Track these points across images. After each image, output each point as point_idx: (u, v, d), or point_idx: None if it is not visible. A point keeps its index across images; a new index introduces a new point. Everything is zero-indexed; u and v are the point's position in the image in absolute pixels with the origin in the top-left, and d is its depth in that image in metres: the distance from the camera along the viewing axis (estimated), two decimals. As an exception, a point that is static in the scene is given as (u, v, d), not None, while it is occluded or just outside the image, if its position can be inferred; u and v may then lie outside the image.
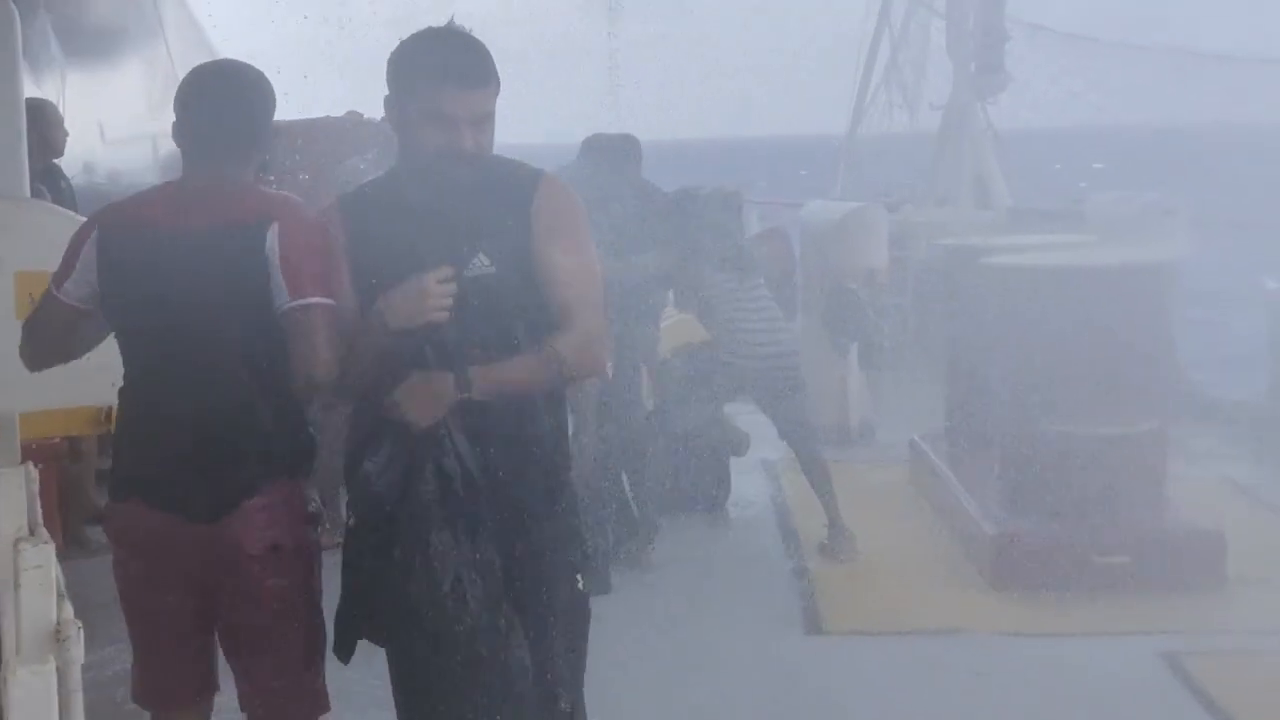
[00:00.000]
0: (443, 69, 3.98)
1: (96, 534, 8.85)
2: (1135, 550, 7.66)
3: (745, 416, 9.97)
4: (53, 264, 5.83)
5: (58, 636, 3.41)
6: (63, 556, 8.03)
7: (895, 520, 9.18)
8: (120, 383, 5.91)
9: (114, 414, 5.87)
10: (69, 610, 3.54)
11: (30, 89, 9.28)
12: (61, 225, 5.90)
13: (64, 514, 8.43)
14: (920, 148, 15.88)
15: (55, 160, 9.06)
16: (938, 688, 6.66)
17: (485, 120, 4.04)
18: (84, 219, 4.89)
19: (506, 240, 4.04)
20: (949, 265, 9.81)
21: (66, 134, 9.03)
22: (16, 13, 7.25)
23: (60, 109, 9.42)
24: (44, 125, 8.84)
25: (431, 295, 3.93)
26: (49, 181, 8.80)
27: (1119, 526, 7.77)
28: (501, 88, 4.09)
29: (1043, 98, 15.64)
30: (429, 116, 3.98)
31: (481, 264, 4.02)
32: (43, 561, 3.42)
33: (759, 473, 10.43)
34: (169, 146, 10.97)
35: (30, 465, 5.04)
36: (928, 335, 12.17)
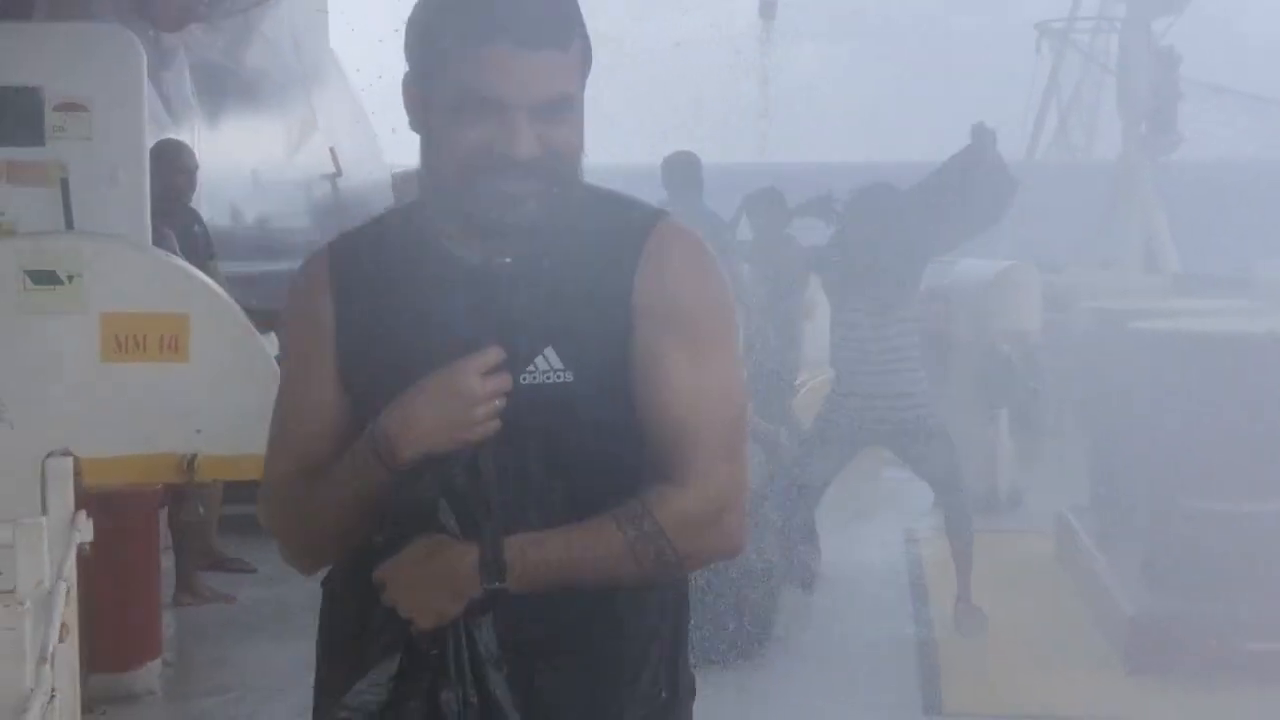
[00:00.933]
0: (486, 20, 2.38)
1: (218, 581, 8.81)
2: (1283, 637, 7.18)
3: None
4: (140, 306, 5.77)
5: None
6: (175, 604, 8.04)
7: (1036, 595, 8.76)
8: (204, 430, 5.83)
9: (196, 462, 5.80)
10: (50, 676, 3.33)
11: (167, 130, 9.31)
12: (151, 267, 5.83)
13: (179, 559, 8.35)
14: (1088, 207, 15.44)
15: (189, 204, 9.01)
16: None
17: (562, 108, 2.43)
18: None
19: (593, 329, 2.46)
20: (1096, 329, 9.39)
21: (191, 178, 8.93)
22: (144, 54, 7.24)
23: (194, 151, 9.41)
24: (178, 165, 8.77)
25: (472, 399, 2.40)
26: (180, 225, 8.72)
27: (1270, 610, 7.29)
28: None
29: (1218, 159, 15.08)
30: (462, 101, 2.41)
31: (548, 366, 2.44)
32: (13, 624, 3.20)
33: (897, 538, 10.05)
34: (322, 190, 10.94)
35: (83, 514, 4.90)
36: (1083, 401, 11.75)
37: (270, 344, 5.93)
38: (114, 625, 6.75)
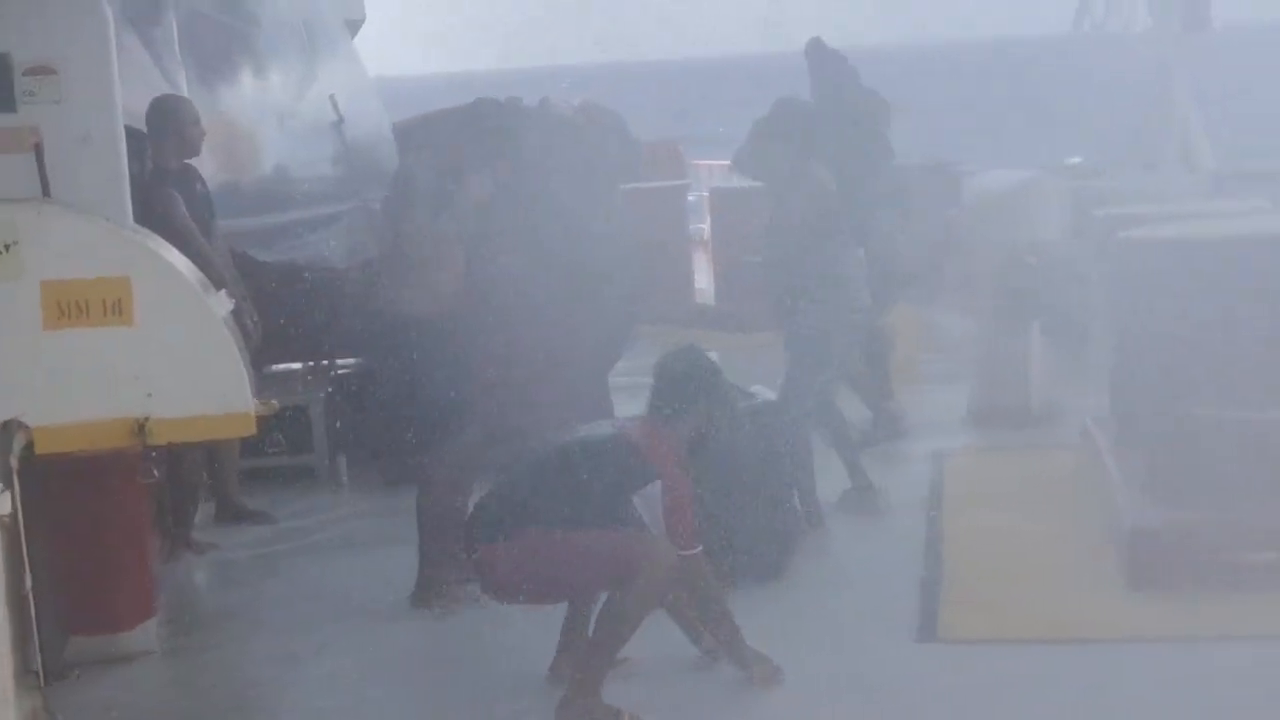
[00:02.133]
0: None
1: (223, 536, 8.88)
2: (1287, 545, 7.02)
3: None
4: (80, 272, 5.76)
5: None
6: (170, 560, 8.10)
7: (1054, 514, 8.58)
8: (155, 393, 5.83)
9: (148, 425, 5.80)
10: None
11: (158, 88, 9.28)
12: (86, 231, 5.81)
13: (174, 517, 8.39)
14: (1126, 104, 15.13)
15: (189, 161, 8.99)
16: (1051, 701, 6.17)
17: None
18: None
19: None
20: (1103, 235, 9.19)
21: (203, 132, 8.91)
22: (110, 12, 7.18)
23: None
24: (179, 123, 8.73)
25: None
26: (184, 184, 8.71)
27: (1268, 519, 7.12)
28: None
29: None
30: None
31: None
32: None
33: (920, 463, 9.91)
34: (327, 139, 10.84)
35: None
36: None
37: (220, 303, 5.92)
38: (105, 587, 6.80)
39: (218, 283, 6.75)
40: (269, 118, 10.50)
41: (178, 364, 5.67)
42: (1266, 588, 6.92)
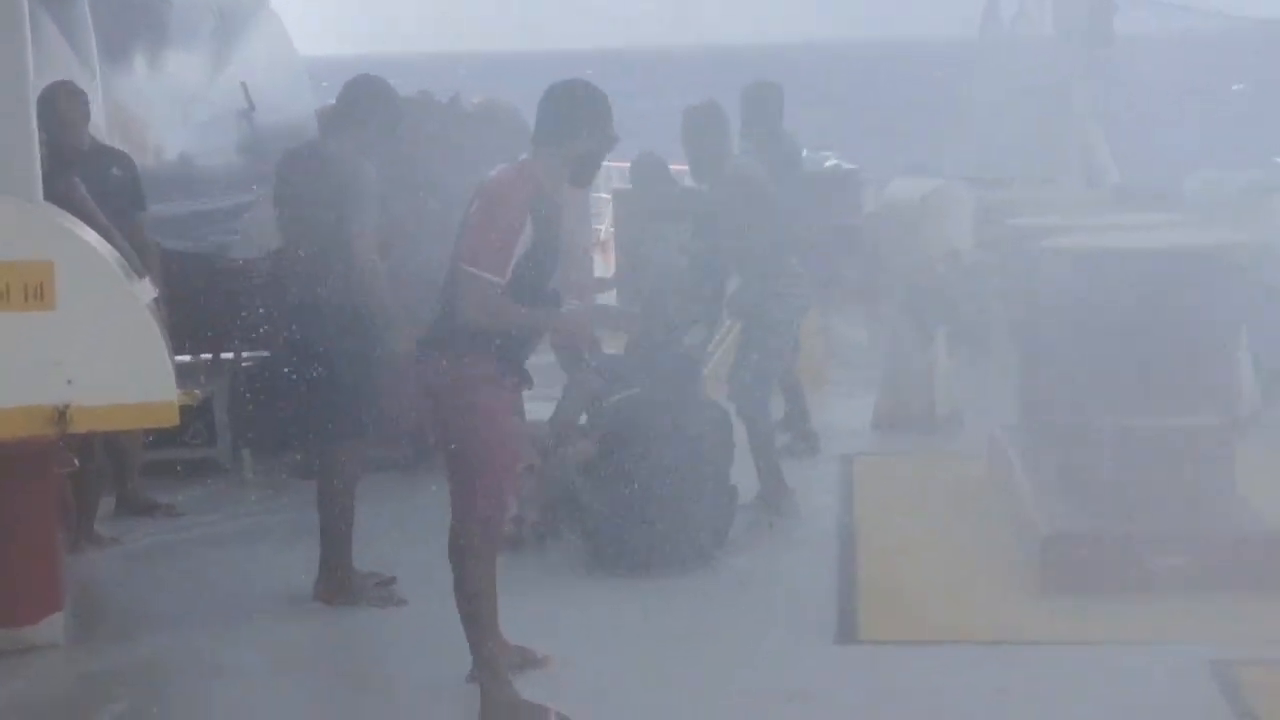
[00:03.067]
0: None
1: (119, 528, 8.76)
2: (1195, 551, 7.12)
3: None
4: (7, 255, 5.63)
5: None
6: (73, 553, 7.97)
7: (964, 519, 8.67)
8: (76, 381, 5.73)
9: (69, 413, 5.69)
10: None
11: (73, 70, 9.14)
12: (8, 214, 5.70)
13: (80, 510, 8.26)
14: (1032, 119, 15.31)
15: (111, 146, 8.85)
16: (967, 702, 6.22)
17: None
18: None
19: None
20: (1015, 245, 9.31)
21: (87, 117, 8.66)
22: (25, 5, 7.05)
23: (96, 95, 9.22)
24: (63, 108, 8.54)
25: None
26: (97, 169, 8.57)
27: (1178, 526, 7.23)
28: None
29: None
30: None
31: None
32: None
33: (829, 466, 9.97)
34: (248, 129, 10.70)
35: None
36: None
37: (144, 289, 5.83)
38: (11, 580, 6.68)
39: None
40: (179, 103, 10.36)
41: (100, 351, 5.58)
42: (1173, 592, 7.02)
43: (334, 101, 10.70)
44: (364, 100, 7.58)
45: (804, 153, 11.05)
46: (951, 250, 10.74)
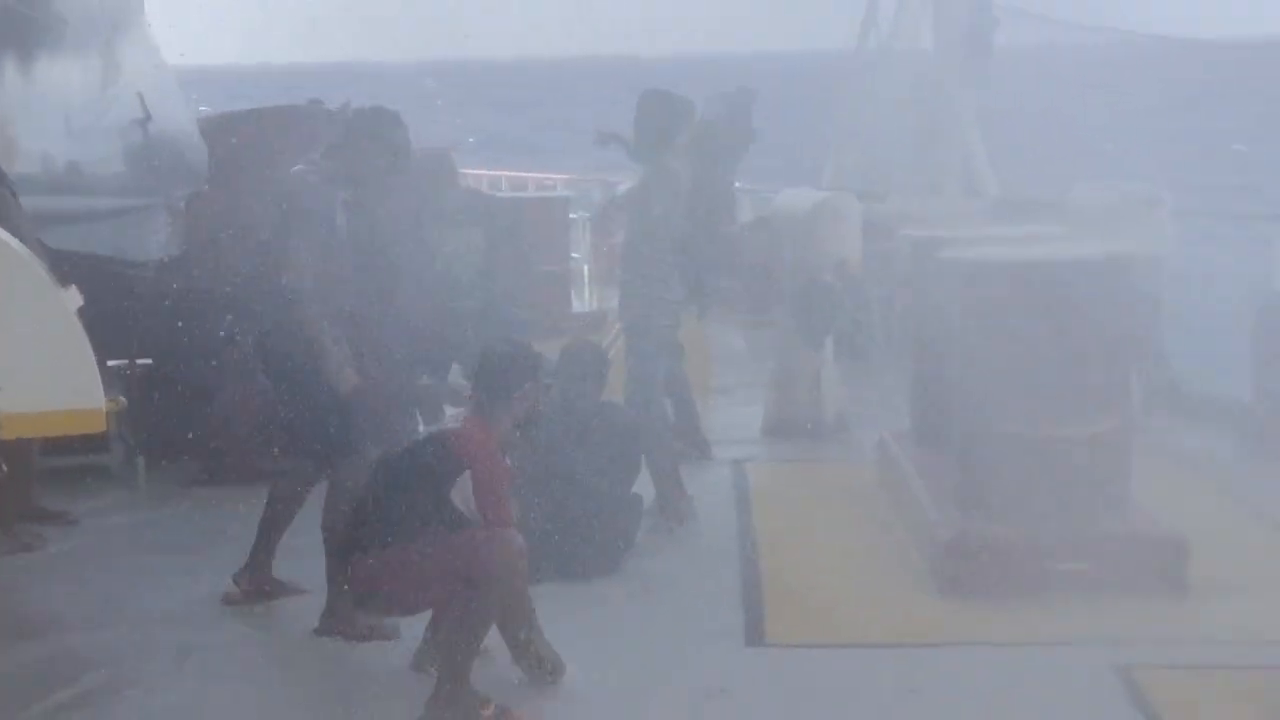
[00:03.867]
0: None
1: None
2: (1092, 555, 7.35)
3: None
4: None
5: None
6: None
7: (858, 523, 8.86)
8: (4, 387, 5.72)
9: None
10: None
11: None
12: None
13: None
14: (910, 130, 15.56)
15: None
16: (876, 703, 6.40)
17: None
18: None
19: None
20: (909, 257, 9.50)
21: None
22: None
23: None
24: None
25: None
26: None
27: (1076, 531, 7.45)
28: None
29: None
30: None
31: None
32: None
33: (722, 472, 10.12)
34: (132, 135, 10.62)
35: None
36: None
37: (71, 297, 5.82)
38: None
39: None
40: (59, 110, 10.26)
41: (28, 357, 5.58)
42: (1073, 596, 7.23)
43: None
44: None
45: None
46: (840, 260, 10.90)
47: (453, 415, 6.84)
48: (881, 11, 16.40)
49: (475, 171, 21.38)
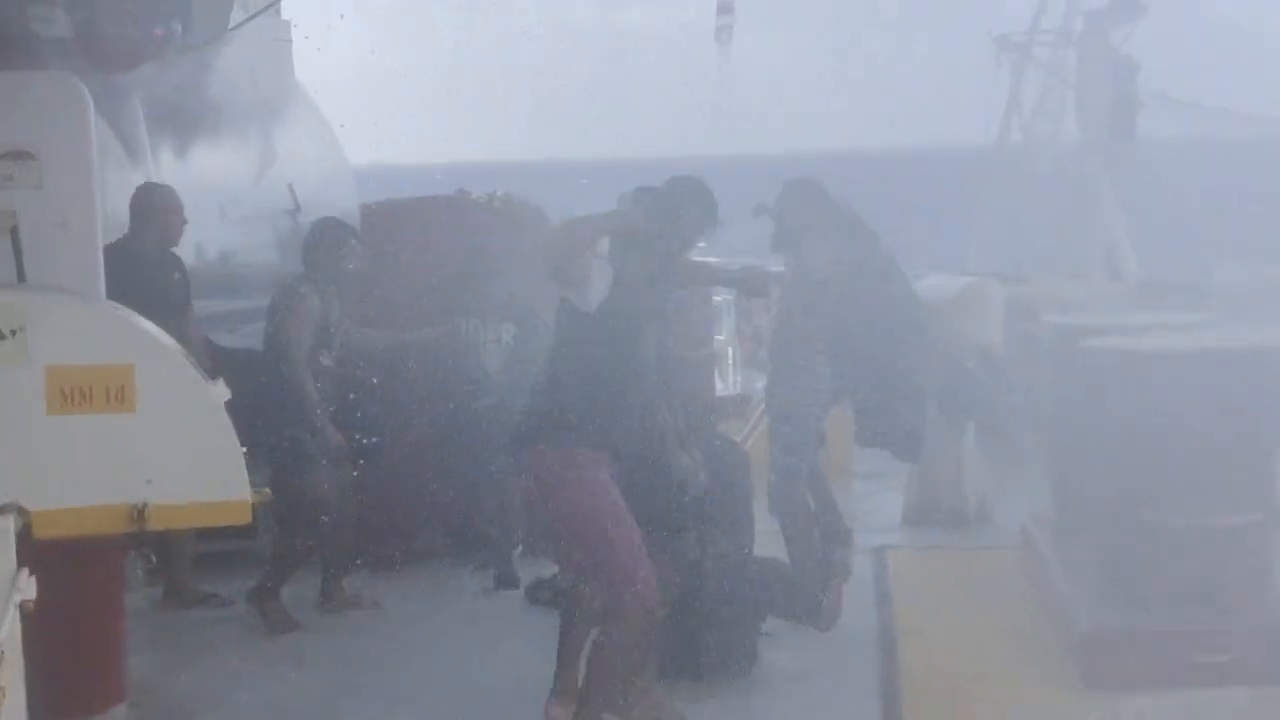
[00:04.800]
0: None
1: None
2: (1236, 647, 7.23)
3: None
4: (85, 358, 5.80)
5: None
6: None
7: (1000, 612, 8.77)
8: (155, 480, 5.87)
9: (146, 511, 5.82)
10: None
11: (124, 171, 9.34)
12: (96, 319, 5.86)
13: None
14: (1053, 217, 15.49)
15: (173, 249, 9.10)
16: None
17: None
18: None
19: None
20: (1053, 344, 9.44)
21: (185, 222, 9.09)
22: (90, 99, 7.24)
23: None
24: (164, 211, 9.00)
25: None
26: (162, 269, 8.86)
27: (1219, 622, 7.35)
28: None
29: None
30: None
31: None
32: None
33: (865, 559, 10.06)
34: (282, 225, 10.89)
35: (25, 572, 4.95)
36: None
37: (219, 391, 5.95)
38: (75, 670, 6.78)
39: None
40: (223, 204, 10.56)
41: (177, 450, 5.71)
42: (1216, 688, 7.12)
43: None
44: None
45: None
46: (983, 345, 10.87)
47: None
48: (1025, 101, 16.38)
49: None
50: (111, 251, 8.54)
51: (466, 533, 10.05)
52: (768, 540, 8.46)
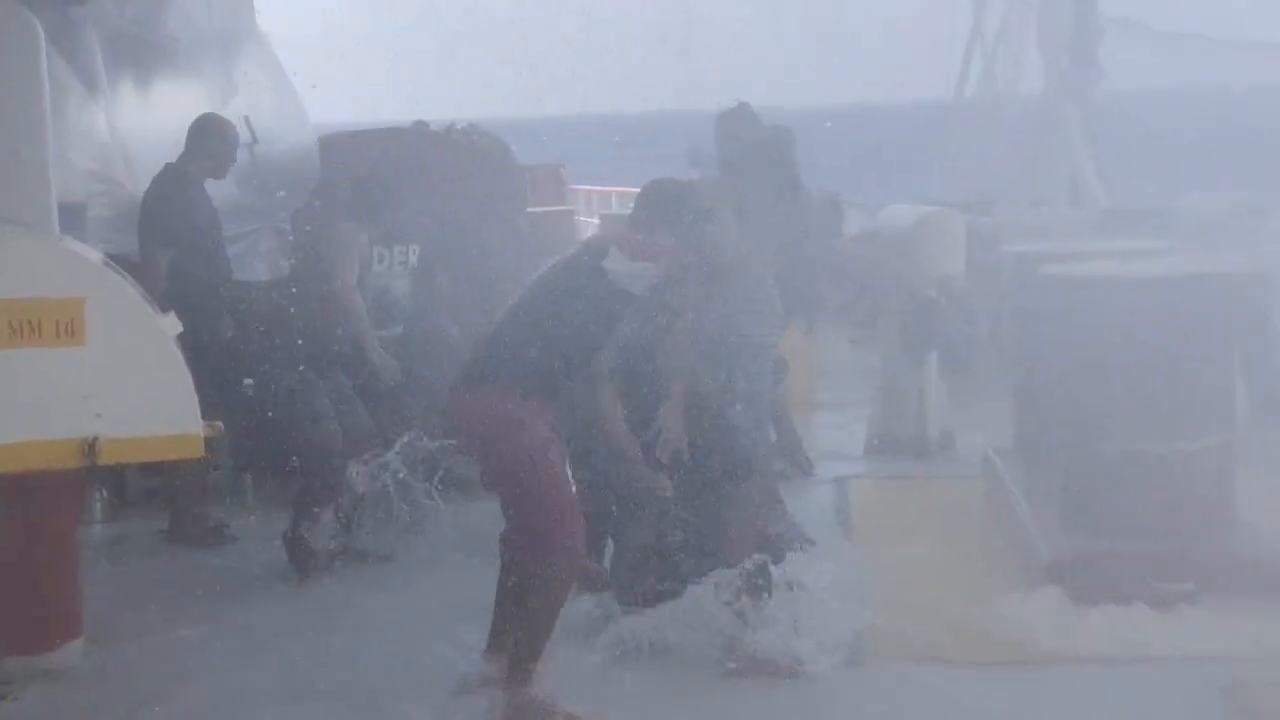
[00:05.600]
0: None
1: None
2: (1198, 573, 7.24)
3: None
4: (34, 291, 5.73)
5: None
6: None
7: (962, 541, 8.78)
8: (105, 414, 5.81)
9: (97, 445, 5.77)
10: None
11: (79, 103, 9.23)
12: (45, 252, 5.79)
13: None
14: (1015, 146, 15.45)
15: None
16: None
17: None
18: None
19: None
20: (1015, 273, 9.42)
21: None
22: (41, 32, 7.13)
23: (106, 125, 9.31)
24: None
25: None
26: (208, 200, 8.99)
27: (1181, 547, 7.36)
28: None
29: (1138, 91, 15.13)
30: None
31: None
32: None
33: (827, 489, 10.06)
34: (241, 158, 10.81)
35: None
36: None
37: (170, 324, 5.91)
38: (29, 606, 6.74)
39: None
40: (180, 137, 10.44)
41: (128, 384, 5.67)
42: (1179, 612, 7.14)
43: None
44: None
45: None
46: (945, 275, 10.83)
47: None
48: (988, 31, 16.32)
49: (586, 187, 21.55)
50: (170, 173, 8.58)
51: None
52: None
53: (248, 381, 9.80)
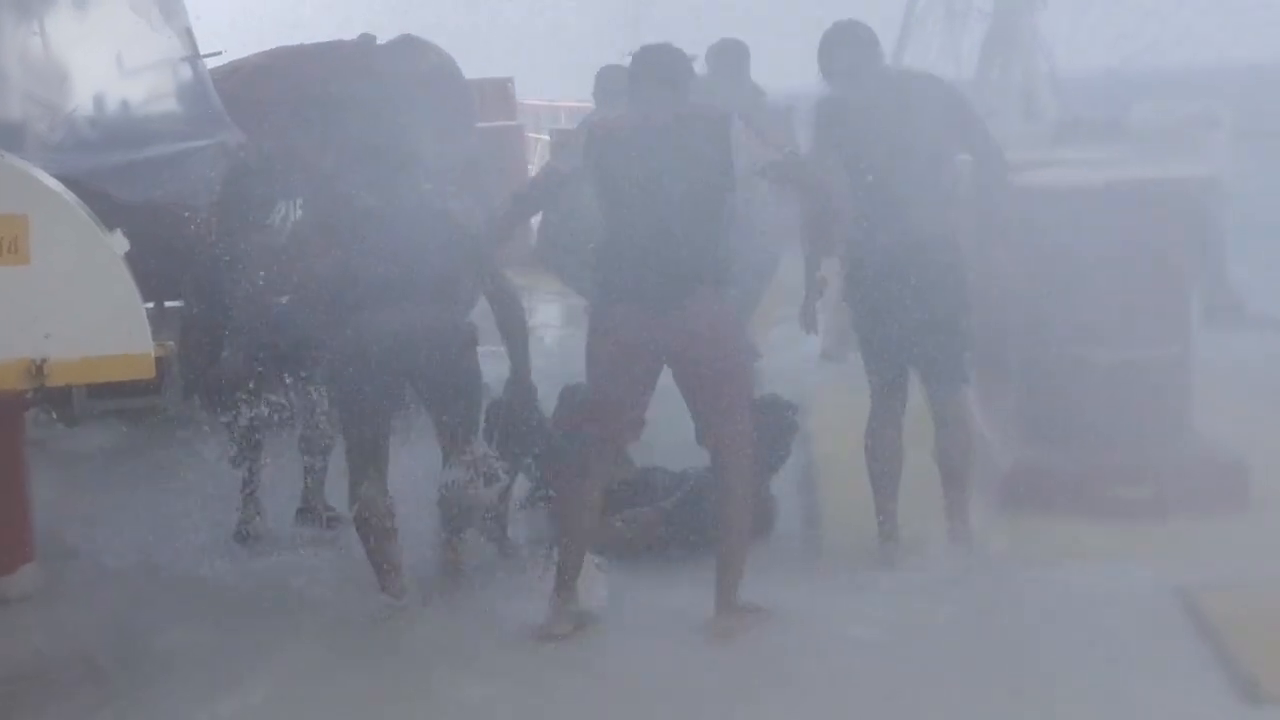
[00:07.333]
0: None
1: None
2: (1153, 479, 7.28)
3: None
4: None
5: None
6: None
7: (917, 449, 8.76)
8: (53, 334, 5.72)
9: (47, 366, 5.69)
10: None
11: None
12: None
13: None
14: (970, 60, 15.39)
15: None
16: (931, 617, 6.45)
17: None
18: None
19: None
20: (968, 183, 9.35)
21: None
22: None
23: (41, 44, 9.16)
24: None
25: None
26: None
27: (1136, 455, 7.38)
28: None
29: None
30: None
31: None
32: None
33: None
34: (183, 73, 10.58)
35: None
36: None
37: (118, 242, 5.81)
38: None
39: None
40: (115, 51, 10.27)
41: (76, 303, 5.58)
42: (1128, 520, 7.18)
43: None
44: None
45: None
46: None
47: None
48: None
49: (533, 101, 21.42)
50: None
51: None
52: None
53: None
